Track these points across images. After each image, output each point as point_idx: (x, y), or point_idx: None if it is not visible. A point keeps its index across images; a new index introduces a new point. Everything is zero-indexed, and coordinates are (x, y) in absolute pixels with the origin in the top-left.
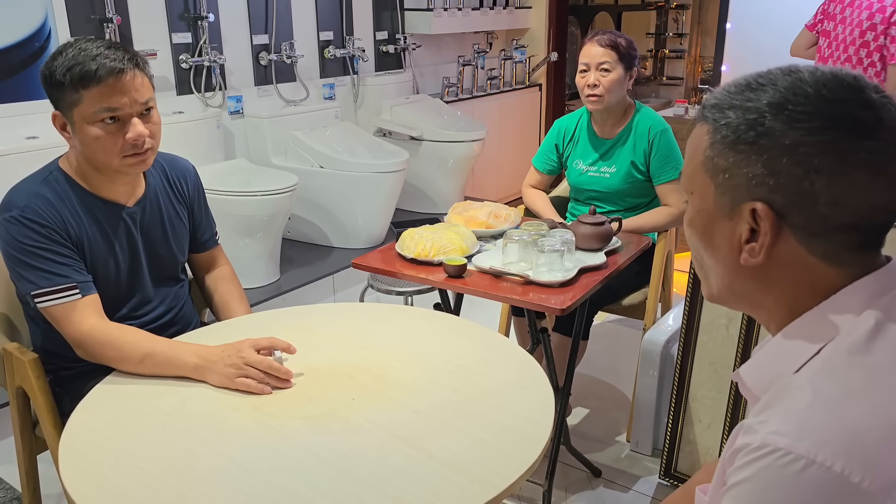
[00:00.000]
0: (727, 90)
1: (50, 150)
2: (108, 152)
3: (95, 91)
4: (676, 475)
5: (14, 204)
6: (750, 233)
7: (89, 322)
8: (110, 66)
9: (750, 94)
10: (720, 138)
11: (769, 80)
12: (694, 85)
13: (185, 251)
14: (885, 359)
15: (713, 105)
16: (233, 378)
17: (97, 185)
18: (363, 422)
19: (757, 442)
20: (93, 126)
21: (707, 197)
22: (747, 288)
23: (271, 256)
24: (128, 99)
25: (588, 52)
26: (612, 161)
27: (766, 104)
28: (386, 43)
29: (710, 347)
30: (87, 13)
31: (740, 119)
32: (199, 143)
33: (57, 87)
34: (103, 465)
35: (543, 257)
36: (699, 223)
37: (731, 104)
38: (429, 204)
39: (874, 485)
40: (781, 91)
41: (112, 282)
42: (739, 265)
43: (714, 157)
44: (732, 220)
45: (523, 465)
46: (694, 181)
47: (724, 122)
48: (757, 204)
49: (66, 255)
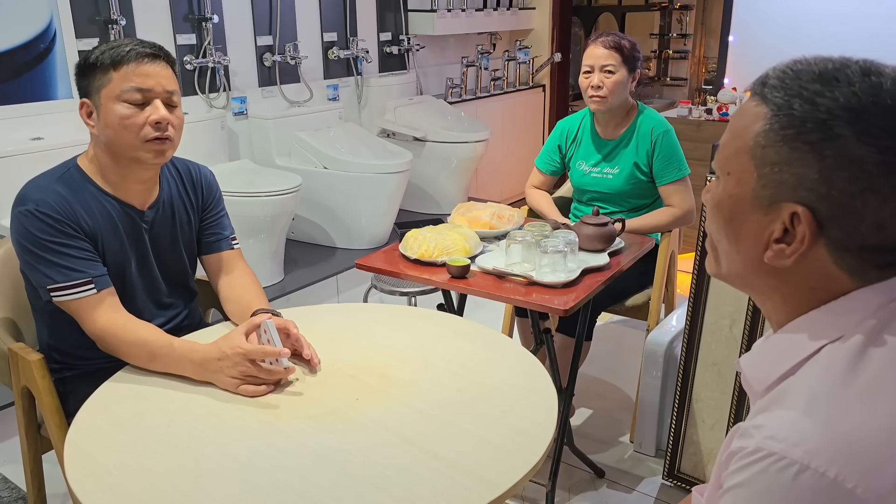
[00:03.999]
0: (796, 73)
1: (55, 152)
2: (130, 132)
3: (125, 70)
4: (680, 476)
5: (28, 198)
6: (783, 232)
7: (105, 317)
8: (142, 50)
9: (822, 88)
10: (779, 127)
11: (846, 78)
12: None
13: (195, 257)
14: (883, 366)
15: (777, 86)
16: (235, 387)
17: (114, 184)
18: (367, 422)
19: (752, 446)
20: (119, 104)
21: (746, 184)
22: (761, 282)
23: (275, 257)
24: (155, 82)
25: (592, 54)
26: (615, 162)
27: (841, 106)
28: (389, 44)
29: (713, 348)
30: (92, 14)
31: (807, 114)
32: (203, 144)
33: (89, 70)
34: (108, 464)
35: (547, 258)
36: (728, 207)
37: (799, 92)
38: (432, 205)
39: (869, 491)
40: (859, 95)
41: (122, 282)
42: (761, 261)
43: (766, 145)
44: (768, 215)
45: (527, 466)
46: (734, 162)
47: (788, 113)
48: (799, 208)
49: (81, 249)
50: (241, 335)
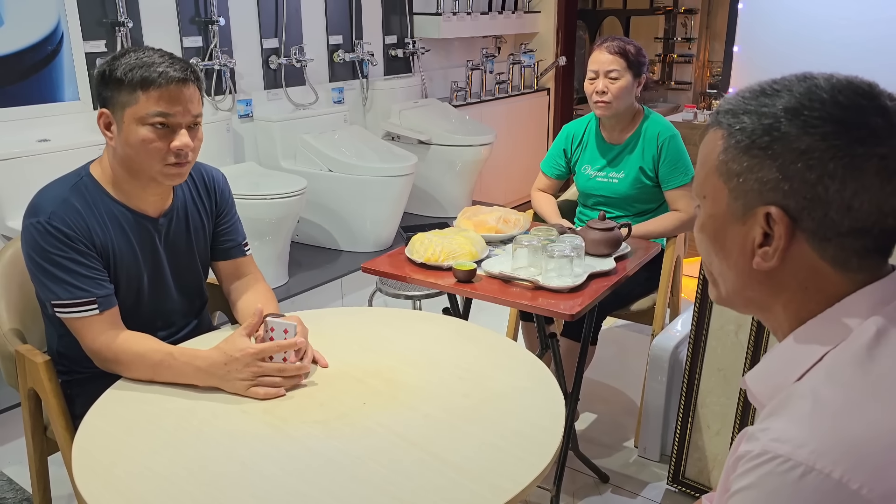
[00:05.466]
0: (741, 96)
1: (62, 154)
2: (151, 156)
3: (154, 94)
4: (684, 481)
5: (41, 209)
6: (763, 237)
7: (103, 337)
8: (173, 74)
9: (765, 100)
10: (734, 143)
11: (784, 86)
12: (702, 90)
13: (208, 264)
14: (886, 367)
15: (727, 110)
16: (246, 390)
17: (127, 193)
18: (374, 426)
19: (758, 449)
20: (143, 127)
21: (720, 201)
22: (757, 293)
23: (280, 259)
24: (182, 108)
25: (597, 59)
26: (621, 167)
27: (782, 109)
28: (395, 47)
29: (718, 353)
30: (100, 17)
31: (755, 124)
32: (208, 146)
33: (114, 85)
34: (115, 467)
35: (553, 262)
36: (711, 227)
37: (746, 109)
38: (437, 208)
39: (874, 493)
40: (797, 96)
41: (134, 292)
42: (751, 269)
43: (728, 161)
44: (745, 224)
45: (534, 471)
46: (706, 185)
47: (739, 127)
48: (771, 208)
49: (89, 266)
50: (244, 337)
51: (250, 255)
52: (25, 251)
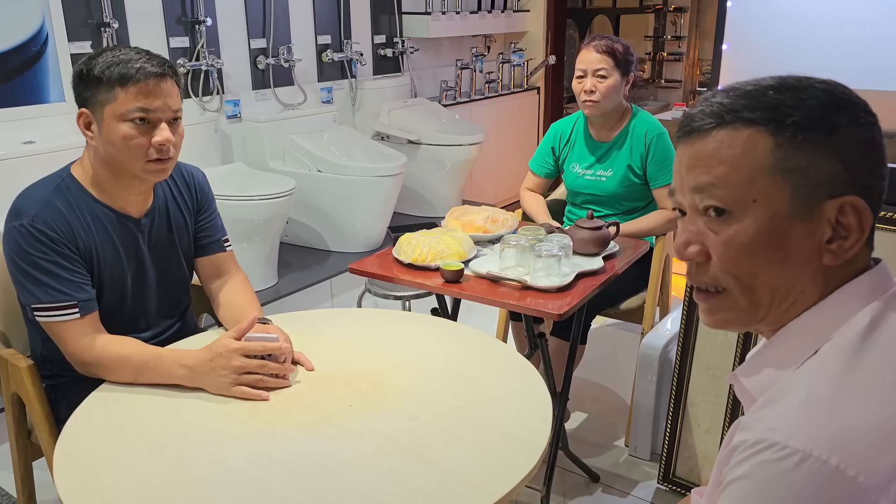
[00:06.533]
0: (751, 94)
1: (47, 155)
2: (133, 153)
3: (133, 90)
4: (675, 480)
5: (24, 212)
6: (832, 231)
7: (84, 342)
8: (150, 69)
9: (794, 94)
10: (790, 137)
11: (805, 81)
12: (692, 88)
13: (192, 261)
14: (879, 357)
15: (750, 106)
16: (230, 388)
17: (110, 194)
18: (360, 428)
19: (753, 438)
20: (123, 124)
21: (780, 202)
22: (811, 293)
23: (269, 260)
24: (161, 103)
25: (585, 58)
26: (609, 164)
27: (825, 102)
28: (384, 47)
29: (708, 352)
30: (85, 17)
31: (803, 117)
32: (196, 147)
33: (93, 83)
34: (98, 472)
35: (541, 262)
36: (767, 233)
37: (783, 102)
38: (427, 208)
39: (869, 480)
40: (826, 89)
41: (118, 294)
42: (810, 269)
43: (785, 158)
44: (811, 221)
45: (522, 472)
46: (754, 190)
47: (791, 122)
48: (849, 198)
49: (72, 270)
50: (231, 338)
51: (231, 250)
52: (7, 254)
